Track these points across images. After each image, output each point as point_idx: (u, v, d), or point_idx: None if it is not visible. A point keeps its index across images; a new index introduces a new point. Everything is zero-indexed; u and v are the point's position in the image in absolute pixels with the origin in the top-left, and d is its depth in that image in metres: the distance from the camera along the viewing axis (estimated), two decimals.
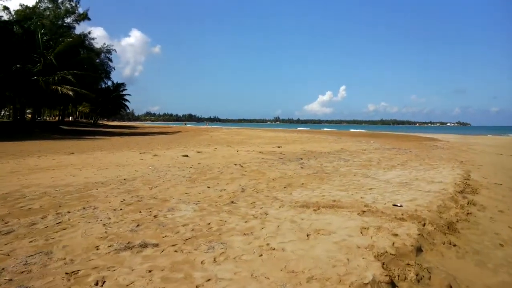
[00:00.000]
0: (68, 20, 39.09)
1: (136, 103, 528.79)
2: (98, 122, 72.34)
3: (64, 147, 15.36)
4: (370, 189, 6.20)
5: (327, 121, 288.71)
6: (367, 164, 10.15)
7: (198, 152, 13.73)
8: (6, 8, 36.60)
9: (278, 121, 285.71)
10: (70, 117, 76.85)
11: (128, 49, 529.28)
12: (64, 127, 35.89)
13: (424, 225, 4.03)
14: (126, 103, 72.84)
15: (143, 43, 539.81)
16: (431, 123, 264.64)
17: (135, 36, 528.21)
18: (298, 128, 73.63)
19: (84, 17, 39.96)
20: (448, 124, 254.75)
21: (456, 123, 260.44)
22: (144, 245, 3.28)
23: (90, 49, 39.69)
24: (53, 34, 30.42)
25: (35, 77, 26.70)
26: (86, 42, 40.81)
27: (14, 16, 35.47)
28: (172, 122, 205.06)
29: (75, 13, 39.11)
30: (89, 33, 41.60)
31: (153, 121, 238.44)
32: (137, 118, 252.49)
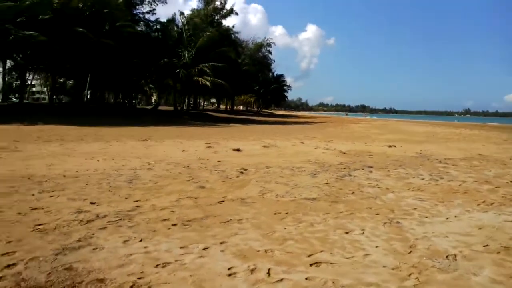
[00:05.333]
0: (216, 17, 41.64)
1: (310, 94, 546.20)
2: (263, 111, 76.49)
3: (169, 132, 15.29)
4: None
5: None
6: (473, 192, 5.64)
7: (265, 146, 11.24)
8: (182, 13, 41.79)
9: (468, 114, 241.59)
10: (241, 106, 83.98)
11: (304, 43, 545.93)
12: (216, 114, 38.30)
13: None
14: (287, 93, 74.64)
15: (319, 36, 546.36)
16: None
17: (311, 31, 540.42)
18: (493, 123, 58.24)
19: (229, 12, 41.83)
20: None
21: None
22: None
23: (232, 42, 41.02)
24: (197, 30, 32.33)
25: (178, 70, 28.95)
26: (232, 36, 42.49)
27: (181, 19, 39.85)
28: (344, 112, 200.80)
29: (222, 10, 41.33)
30: (233, 27, 43.23)
31: (325, 111, 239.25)
32: (311, 108, 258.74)
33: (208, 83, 28.62)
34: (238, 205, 4.42)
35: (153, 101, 72.88)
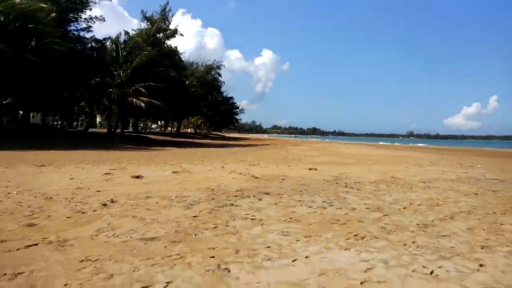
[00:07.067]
0: (161, 37, 40.81)
1: (265, 116, 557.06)
2: (212, 133, 75.53)
3: (82, 157, 13.84)
4: None
5: (472, 137, 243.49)
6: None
7: (174, 172, 10.34)
8: (126, 32, 40.36)
9: (412, 136, 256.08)
10: (189, 129, 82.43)
11: (260, 68, 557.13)
12: (155, 137, 36.75)
13: None
14: (238, 115, 74.57)
15: (274, 62, 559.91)
16: None
17: (266, 56, 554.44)
18: (418, 144, 62.42)
19: (173, 33, 41.11)
20: None
21: None
22: None
23: (175, 63, 40.25)
24: (135, 49, 31.19)
25: (110, 90, 27.49)
26: (177, 57, 41.79)
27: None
28: (295, 134, 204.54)
29: (166, 30, 40.54)
30: (176, 47, 42.45)
31: (278, 133, 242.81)
32: (265, 131, 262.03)
33: (143, 104, 27.34)
34: (49, 250, 3.51)
35: (97, 122, 69.61)
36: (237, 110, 73.11)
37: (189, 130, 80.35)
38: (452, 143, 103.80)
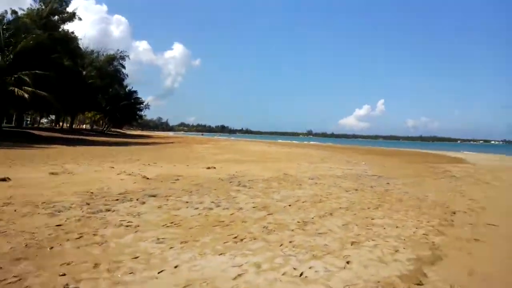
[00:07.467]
0: (57, 20, 36.63)
1: (173, 113, 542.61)
2: (111, 130, 70.38)
3: None
4: None
5: (362, 137, 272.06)
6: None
7: (53, 173, 9.14)
8: (14, 11, 34.99)
9: (310, 135, 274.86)
10: (84, 125, 75.68)
11: (170, 62, 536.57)
12: (41, 133, 32.75)
13: None
14: (142, 111, 70.67)
15: (185, 56, 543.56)
16: (473, 140, 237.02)
17: (177, 49, 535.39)
18: (311, 142, 67.58)
19: (71, 16, 37.25)
20: (493, 142, 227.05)
21: (502, 141, 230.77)
22: None
23: (71, 50, 36.46)
24: (20, 32, 27.24)
25: None
26: (73, 44, 37.96)
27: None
28: (202, 132, 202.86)
29: (62, 13, 36.52)
30: (73, 32, 38.53)
31: (186, 131, 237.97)
32: (171, 128, 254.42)
33: (26, 95, 24.05)
34: None
35: None
36: (141, 105, 69.10)
37: (84, 126, 73.74)
38: (344, 141, 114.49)
